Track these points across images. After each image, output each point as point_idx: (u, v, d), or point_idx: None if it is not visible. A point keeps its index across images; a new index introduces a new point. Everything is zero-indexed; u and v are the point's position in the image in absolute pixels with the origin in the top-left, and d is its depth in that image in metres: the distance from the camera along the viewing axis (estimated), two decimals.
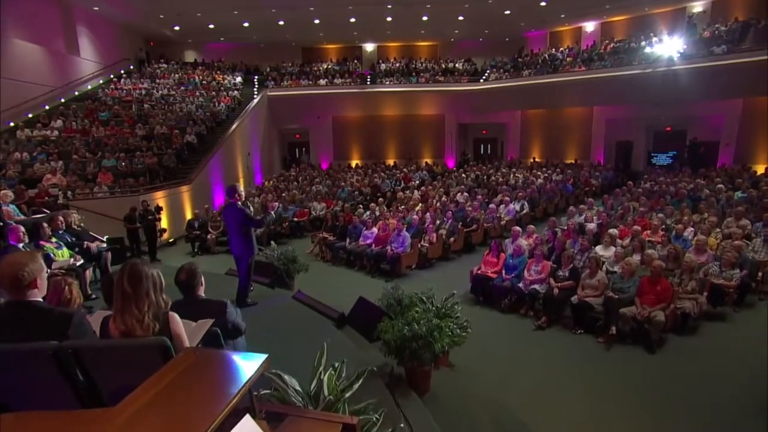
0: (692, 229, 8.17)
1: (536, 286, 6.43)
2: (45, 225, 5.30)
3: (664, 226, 8.44)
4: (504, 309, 6.64)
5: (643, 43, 18.35)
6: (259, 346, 4.11)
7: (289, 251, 6.98)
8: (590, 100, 19.52)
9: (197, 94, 20.08)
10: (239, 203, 5.21)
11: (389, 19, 20.67)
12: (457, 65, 24.42)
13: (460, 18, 20.69)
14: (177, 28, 21.81)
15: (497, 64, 23.66)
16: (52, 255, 5.11)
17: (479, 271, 7.13)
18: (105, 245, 6.15)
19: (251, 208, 5.44)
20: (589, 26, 22.46)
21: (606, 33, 21.75)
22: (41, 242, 5.18)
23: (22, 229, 4.77)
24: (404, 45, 26.23)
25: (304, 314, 4.94)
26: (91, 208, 10.47)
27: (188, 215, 12.33)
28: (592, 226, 8.40)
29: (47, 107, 16.40)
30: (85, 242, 5.74)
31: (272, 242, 7.62)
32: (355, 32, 23.60)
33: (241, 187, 5.37)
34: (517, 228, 8.18)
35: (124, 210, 10.31)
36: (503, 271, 6.93)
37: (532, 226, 8.78)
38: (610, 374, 4.94)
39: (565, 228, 8.59)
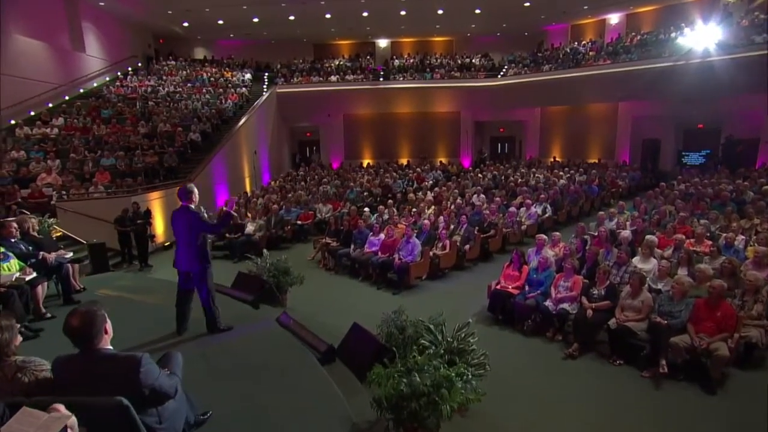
0: (743, 237, 7.15)
1: (566, 306, 5.51)
2: None
3: (708, 234, 7.43)
4: (527, 331, 5.72)
5: (673, 35, 17.14)
6: (218, 394, 3.20)
7: (281, 262, 6.16)
8: (615, 96, 18.35)
9: (204, 91, 19.49)
10: (192, 206, 4.34)
11: (403, 13, 19.90)
12: (473, 60, 23.45)
13: (477, 11, 19.82)
14: (186, 24, 21.38)
15: (516, 59, 22.62)
16: None
17: (498, 286, 6.22)
18: (68, 255, 5.43)
19: (205, 213, 4.53)
20: (614, 18, 21.33)
21: (632, 25, 20.56)
22: None
23: None
24: (419, 40, 25.43)
25: (286, 345, 4.09)
26: (83, 209, 9.85)
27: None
28: (626, 233, 7.41)
29: (50, 105, 15.97)
30: (41, 252, 5.02)
31: (265, 251, 6.83)
32: (368, 27, 22.86)
33: (196, 190, 4.46)
34: (542, 236, 7.23)
35: (118, 211, 9.66)
36: (526, 287, 6.02)
37: (558, 234, 7.81)
38: (662, 421, 4.02)
39: (596, 235, 7.64)
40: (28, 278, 4.47)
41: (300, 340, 4.20)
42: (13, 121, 14.28)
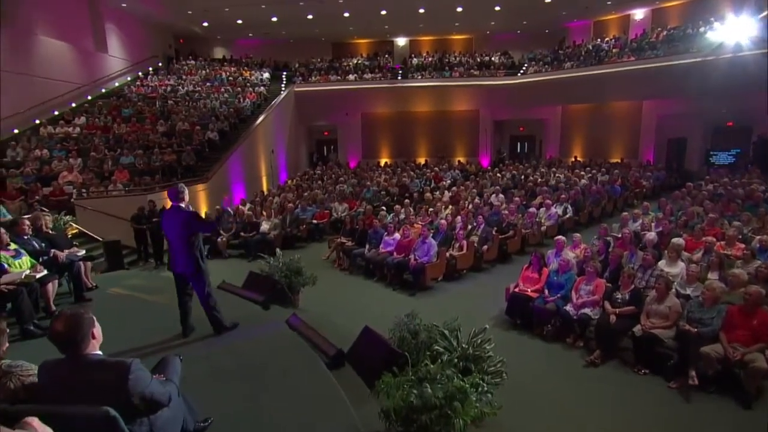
0: None
1: (587, 311, 5.26)
2: (2, 231, 4.57)
3: (740, 237, 7.06)
4: (547, 337, 5.49)
5: (701, 29, 16.52)
6: (220, 397, 3.07)
7: (294, 261, 6.04)
8: (640, 94, 17.80)
9: (222, 90, 19.63)
10: (182, 205, 4.16)
11: (422, 11, 19.68)
12: (493, 59, 23.08)
13: (497, 8, 19.44)
14: (206, 24, 21.56)
15: (536, 57, 22.18)
16: (6, 266, 4.38)
17: (517, 289, 6.00)
18: (80, 253, 5.41)
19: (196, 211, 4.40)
20: (639, 14, 20.70)
21: (658, 20, 19.91)
22: None
23: None
24: (437, 39, 25.18)
25: (294, 348, 3.93)
26: (101, 207, 9.95)
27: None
28: (651, 235, 7.10)
29: (74, 104, 16.27)
30: (53, 250, 5.01)
31: (278, 250, 6.73)
32: (387, 26, 22.72)
33: (187, 190, 4.31)
34: (562, 238, 6.97)
35: (135, 209, 9.73)
36: (546, 290, 5.78)
37: (578, 235, 7.53)
38: None
39: (619, 237, 7.33)
40: (38, 276, 4.45)
41: (309, 343, 4.07)
42: (37, 121, 14.59)
